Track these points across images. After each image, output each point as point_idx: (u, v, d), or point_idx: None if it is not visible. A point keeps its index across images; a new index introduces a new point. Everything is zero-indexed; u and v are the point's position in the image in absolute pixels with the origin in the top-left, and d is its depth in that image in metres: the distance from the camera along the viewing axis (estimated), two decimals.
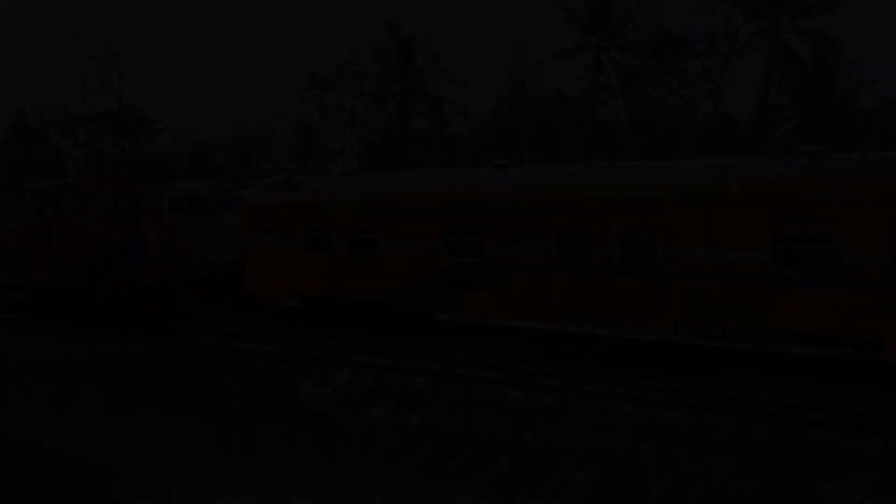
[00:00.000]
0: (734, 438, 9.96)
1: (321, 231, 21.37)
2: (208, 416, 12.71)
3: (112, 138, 56.97)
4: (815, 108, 36.15)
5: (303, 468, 9.78)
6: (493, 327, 20.72)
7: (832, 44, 45.82)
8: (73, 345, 19.39)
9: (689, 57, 47.57)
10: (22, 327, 22.72)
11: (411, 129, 54.06)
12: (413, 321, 21.81)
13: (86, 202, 21.85)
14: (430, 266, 19.32)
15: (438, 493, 9.27)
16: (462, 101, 65.09)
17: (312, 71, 52.38)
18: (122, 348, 17.74)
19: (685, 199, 15.76)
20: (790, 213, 14.57)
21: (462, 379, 15.28)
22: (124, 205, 21.51)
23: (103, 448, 11.57)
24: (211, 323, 22.11)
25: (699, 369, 16.07)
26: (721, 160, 21.11)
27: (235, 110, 75.05)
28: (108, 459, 11.01)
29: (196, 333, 20.84)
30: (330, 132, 53.44)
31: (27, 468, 10.96)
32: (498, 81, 68.30)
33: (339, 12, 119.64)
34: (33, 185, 24.55)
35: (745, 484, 8.60)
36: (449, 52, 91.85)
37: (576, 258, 17.09)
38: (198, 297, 21.59)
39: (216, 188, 24.93)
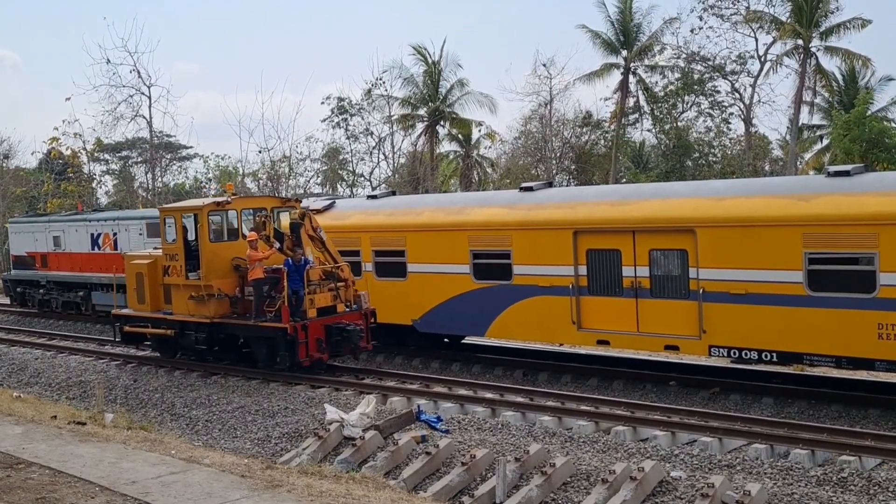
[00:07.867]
0: None
1: (348, 254, 21.22)
2: None
3: (143, 164, 57.54)
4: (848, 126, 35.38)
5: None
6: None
7: (864, 61, 45.16)
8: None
9: (718, 77, 47.06)
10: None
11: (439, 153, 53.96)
12: (442, 344, 21.56)
13: (238, 223, 19.12)
14: (459, 289, 19.08)
15: None
16: (489, 124, 64.78)
17: (340, 96, 52.42)
18: None
19: None
20: None
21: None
22: (279, 226, 18.66)
23: None
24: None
25: None
26: None
27: (264, 135, 75.46)
28: None
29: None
30: (357, 156, 53.52)
31: None
32: (525, 104, 67.88)
33: (366, 36, 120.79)
34: (173, 204, 21.13)
35: None
36: (476, 75, 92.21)
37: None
38: (366, 333, 18.30)
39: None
